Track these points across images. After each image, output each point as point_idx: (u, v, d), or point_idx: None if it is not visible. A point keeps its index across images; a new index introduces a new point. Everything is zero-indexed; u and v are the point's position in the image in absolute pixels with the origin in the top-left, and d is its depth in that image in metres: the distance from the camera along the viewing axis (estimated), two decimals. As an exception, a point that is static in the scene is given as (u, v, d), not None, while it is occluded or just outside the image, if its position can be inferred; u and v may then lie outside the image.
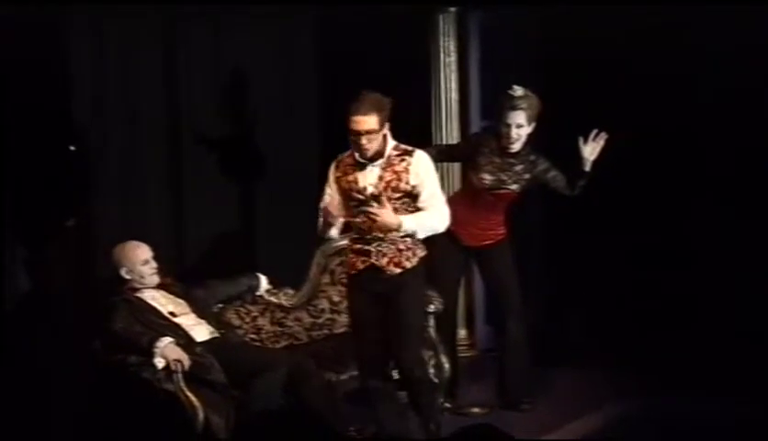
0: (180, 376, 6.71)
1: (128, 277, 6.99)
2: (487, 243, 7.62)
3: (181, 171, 8.00)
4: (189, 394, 6.70)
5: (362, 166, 6.58)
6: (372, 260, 6.63)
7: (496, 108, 7.52)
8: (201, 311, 7.09)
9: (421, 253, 6.71)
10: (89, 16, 7.61)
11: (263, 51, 8.22)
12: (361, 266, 6.67)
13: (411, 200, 6.62)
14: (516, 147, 7.44)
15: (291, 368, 6.80)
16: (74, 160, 7.67)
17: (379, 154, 6.58)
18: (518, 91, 7.37)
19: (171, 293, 7.09)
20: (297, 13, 8.22)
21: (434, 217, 6.64)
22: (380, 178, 6.56)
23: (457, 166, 8.07)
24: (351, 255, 6.73)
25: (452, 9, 8.25)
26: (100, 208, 7.76)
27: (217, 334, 7.04)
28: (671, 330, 8.44)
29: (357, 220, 6.60)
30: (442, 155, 7.77)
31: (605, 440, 7.22)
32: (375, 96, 6.55)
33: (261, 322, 7.24)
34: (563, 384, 8.09)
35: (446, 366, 7.58)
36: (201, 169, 8.01)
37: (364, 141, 6.48)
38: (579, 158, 7.45)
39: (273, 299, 7.51)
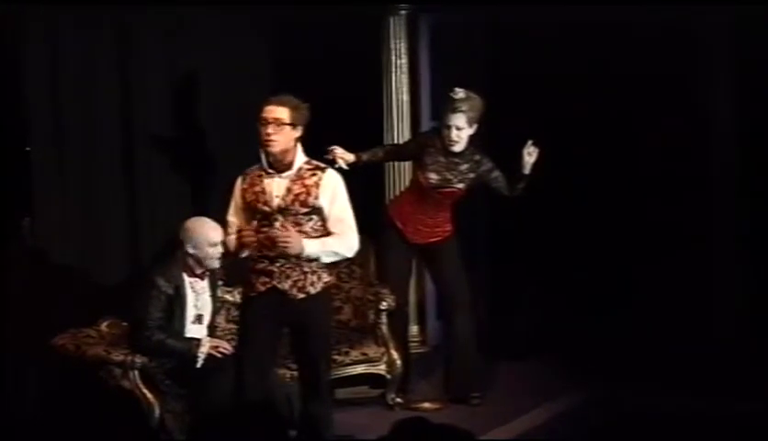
0: (137, 374, 6.81)
1: (191, 251, 6.84)
2: (434, 240, 7.71)
3: (135, 172, 8.01)
4: (146, 392, 6.80)
5: (270, 177, 6.35)
6: (274, 282, 6.36)
7: (440, 110, 7.62)
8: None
9: (326, 278, 6.46)
10: (44, 19, 7.61)
11: (216, 53, 8.24)
12: (262, 289, 6.39)
13: (318, 218, 6.36)
14: (457, 148, 7.52)
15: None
16: (30, 161, 7.68)
17: (289, 165, 6.35)
18: (459, 94, 7.43)
19: (212, 286, 7.01)
20: (250, 15, 8.25)
21: (340, 243, 6.38)
22: (288, 191, 6.32)
23: (407, 165, 8.15)
24: (251, 275, 6.42)
25: (403, 12, 8.28)
26: (55, 208, 7.76)
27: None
28: (617, 324, 8.56)
29: (261, 235, 6.33)
30: (390, 155, 7.88)
31: (557, 432, 7.34)
32: (292, 97, 6.38)
33: (216, 319, 7.32)
34: (513, 378, 8.18)
35: (398, 362, 7.72)
36: (155, 170, 8.02)
37: (270, 129, 6.27)
38: (519, 161, 7.54)
39: (228, 297, 7.54)
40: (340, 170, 7.35)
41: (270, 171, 6.37)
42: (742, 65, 8.50)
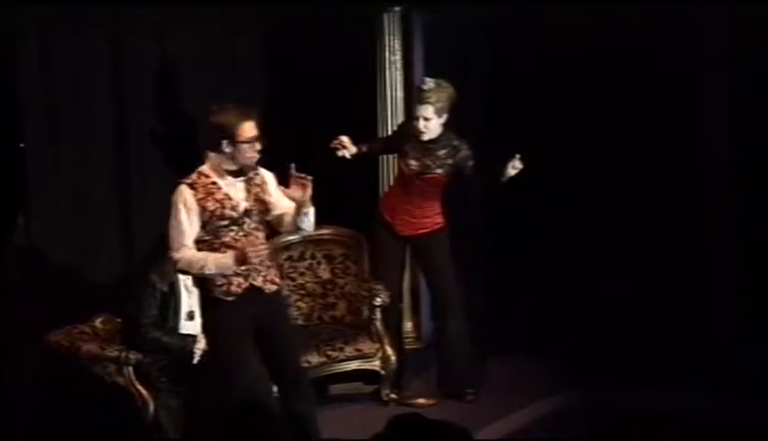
0: (131, 370, 6.78)
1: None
2: (423, 231, 7.68)
3: (129, 169, 8.03)
4: (140, 388, 6.79)
5: (228, 183, 6.36)
6: (250, 281, 6.40)
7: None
8: None
9: (275, 270, 6.61)
10: (41, 19, 7.62)
11: (211, 51, 8.26)
12: (239, 290, 6.40)
13: (265, 213, 6.48)
14: (426, 137, 7.51)
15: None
16: (25, 158, 7.68)
17: (242, 170, 6.40)
18: (428, 84, 7.44)
19: None
20: (243, 13, 8.26)
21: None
22: (248, 192, 6.39)
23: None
24: (222, 281, 6.37)
25: (397, 8, 8.30)
26: (50, 205, 7.76)
27: None
28: (615, 323, 8.52)
29: (227, 239, 6.36)
30: (384, 147, 7.92)
31: (554, 429, 7.33)
32: (248, 108, 6.40)
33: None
34: (509, 374, 8.15)
35: (393, 358, 7.70)
36: (150, 168, 8.04)
37: (258, 147, 6.32)
38: (500, 167, 7.48)
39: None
40: (343, 159, 7.45)
41: (227, 177, 6.38)
42: (741, 64, 8.48)
